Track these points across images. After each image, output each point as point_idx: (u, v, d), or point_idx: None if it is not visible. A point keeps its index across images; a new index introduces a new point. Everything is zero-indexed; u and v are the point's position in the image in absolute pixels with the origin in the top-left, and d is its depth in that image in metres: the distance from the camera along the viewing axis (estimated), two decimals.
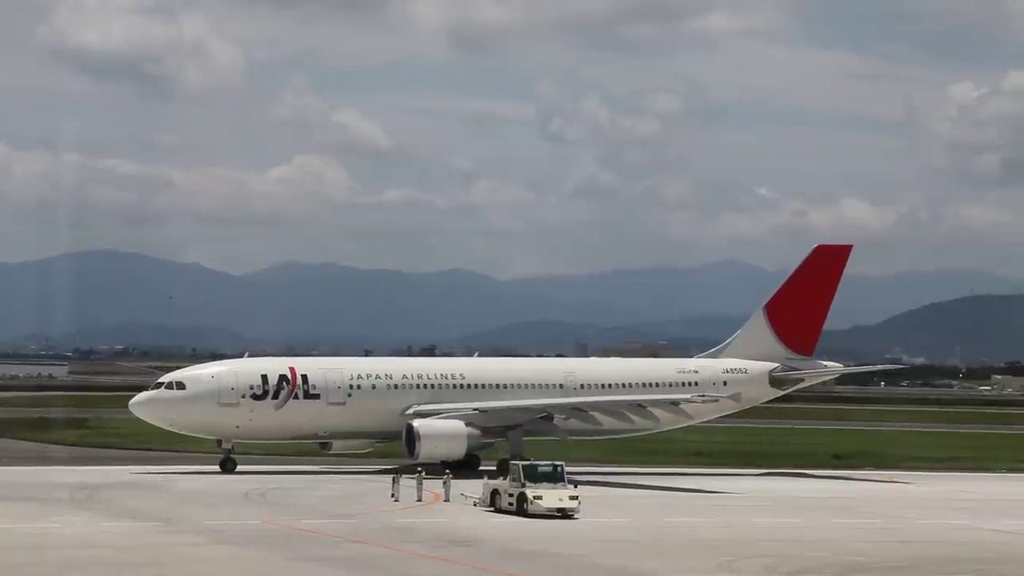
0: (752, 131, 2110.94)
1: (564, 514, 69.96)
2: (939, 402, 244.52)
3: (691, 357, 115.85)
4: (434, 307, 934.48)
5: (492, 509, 72.95)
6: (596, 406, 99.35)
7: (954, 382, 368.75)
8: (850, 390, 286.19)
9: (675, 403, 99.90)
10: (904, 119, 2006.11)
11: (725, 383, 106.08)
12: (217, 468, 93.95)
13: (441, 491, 78.22)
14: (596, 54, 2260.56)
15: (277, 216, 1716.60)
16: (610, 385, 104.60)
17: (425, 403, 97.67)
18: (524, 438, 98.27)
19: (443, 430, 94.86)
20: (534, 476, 71.63)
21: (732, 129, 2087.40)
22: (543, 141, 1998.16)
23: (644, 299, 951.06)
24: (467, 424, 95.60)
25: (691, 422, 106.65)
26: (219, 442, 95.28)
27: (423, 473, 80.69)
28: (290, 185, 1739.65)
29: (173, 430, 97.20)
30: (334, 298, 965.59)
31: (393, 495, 77.37)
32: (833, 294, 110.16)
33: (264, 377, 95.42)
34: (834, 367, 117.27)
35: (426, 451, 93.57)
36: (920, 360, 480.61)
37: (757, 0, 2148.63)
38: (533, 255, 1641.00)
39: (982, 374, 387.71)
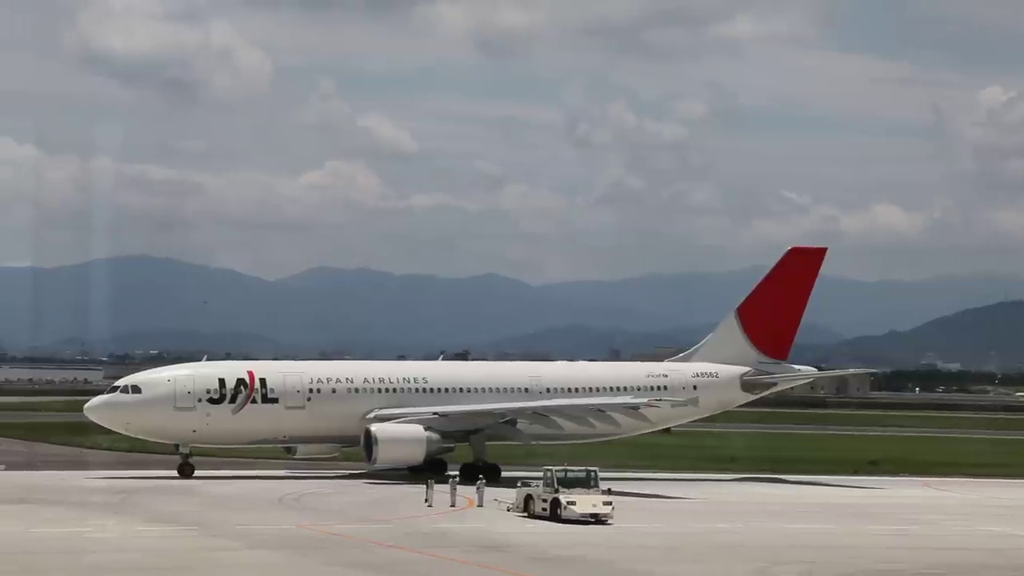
0: (779, 136, 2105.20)
1: (598, 519, 69.87)
2: (975, 408, 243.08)
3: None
4: (467, 312, 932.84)
5: (526, 515, 72.93)
6: (557, 411, 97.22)
7: (989, 388, 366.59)
8: (885, 396, 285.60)
9: (634, 407, 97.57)
10: (932, 124, 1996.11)
11: (695, 387, 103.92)
12: (248, 472, 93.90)
13: (474, 496, 78.30)
14: (622, 59, 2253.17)
15: (309, 221, 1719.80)
16: (576, 389, 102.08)
17: (387, 407, 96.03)
18: (488, 442, 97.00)
19: (401, 435, 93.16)
20: (568, 482, 71.67)
21: (759, 134, 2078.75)
22: (570, 146, 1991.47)
23: (674, 304, 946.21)
24: (427, 428, 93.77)
25: (655, 427, 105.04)
26: (176, 447, 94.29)
27: (457, 478, 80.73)
28: (321, 190, 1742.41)
29: (129, 434, 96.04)
30: (368, 303, 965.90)
31: (427, 500, 77.52)
32: (807, 297, 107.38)
33: (221, 381, 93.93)
34: (808, 371, 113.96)
35: (384, 456, 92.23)
36: (955, 366, 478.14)
37: (783, 5, 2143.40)
38: (564, 260, 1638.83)
39: (1018, 380, 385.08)
